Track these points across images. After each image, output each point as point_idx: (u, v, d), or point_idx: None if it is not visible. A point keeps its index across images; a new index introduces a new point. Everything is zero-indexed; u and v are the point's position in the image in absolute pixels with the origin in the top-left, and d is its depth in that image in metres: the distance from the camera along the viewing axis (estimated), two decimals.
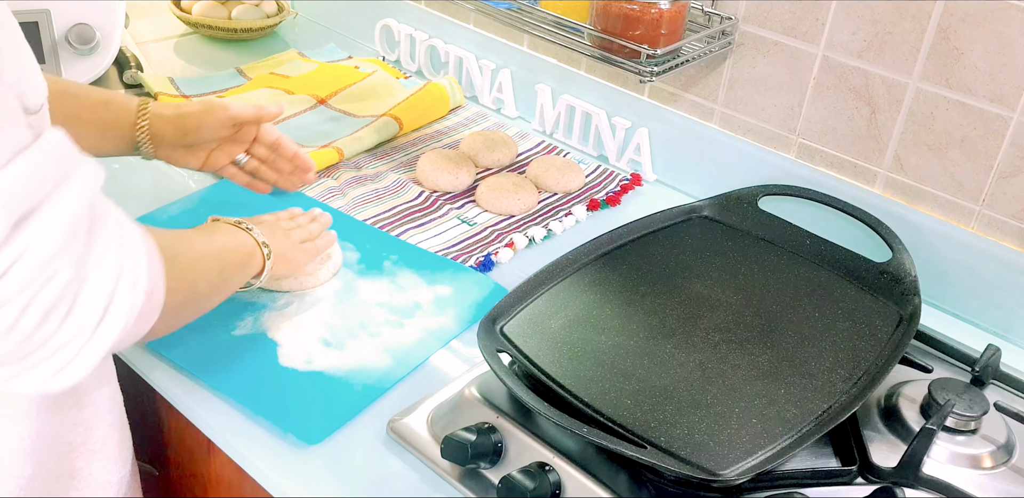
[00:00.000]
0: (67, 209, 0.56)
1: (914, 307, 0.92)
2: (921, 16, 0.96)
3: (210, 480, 1.00)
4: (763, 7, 1.08)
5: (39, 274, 0.54)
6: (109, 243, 0.59)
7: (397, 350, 0.93)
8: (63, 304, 0.56)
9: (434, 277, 1.04)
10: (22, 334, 0.55)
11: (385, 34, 1.54)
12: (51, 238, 0.55)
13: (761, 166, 1.14)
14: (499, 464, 0.80)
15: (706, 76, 1.17)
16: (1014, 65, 0.92)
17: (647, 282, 0.96)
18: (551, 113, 1.35)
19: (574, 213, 1.18)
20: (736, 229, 1.05)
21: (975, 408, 0.82)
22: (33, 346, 0.56)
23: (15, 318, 0.54)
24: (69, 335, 0.57)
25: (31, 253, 0.54)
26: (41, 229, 0.54)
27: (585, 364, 0.84)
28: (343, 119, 1.33)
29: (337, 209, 1.14)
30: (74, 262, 0.56)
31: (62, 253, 0.55)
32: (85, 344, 0.58)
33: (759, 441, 0.76)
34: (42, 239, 0.54)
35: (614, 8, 1.05)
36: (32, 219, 0.54)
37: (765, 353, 0.86)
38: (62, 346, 0.57)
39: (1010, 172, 0.97)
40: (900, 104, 1.01)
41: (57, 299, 0.56)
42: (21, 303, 0.54)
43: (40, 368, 0.57)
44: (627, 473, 0.77)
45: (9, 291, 0.53)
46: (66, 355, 0.58)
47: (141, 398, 1.01)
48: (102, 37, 1.29)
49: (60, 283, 0.55)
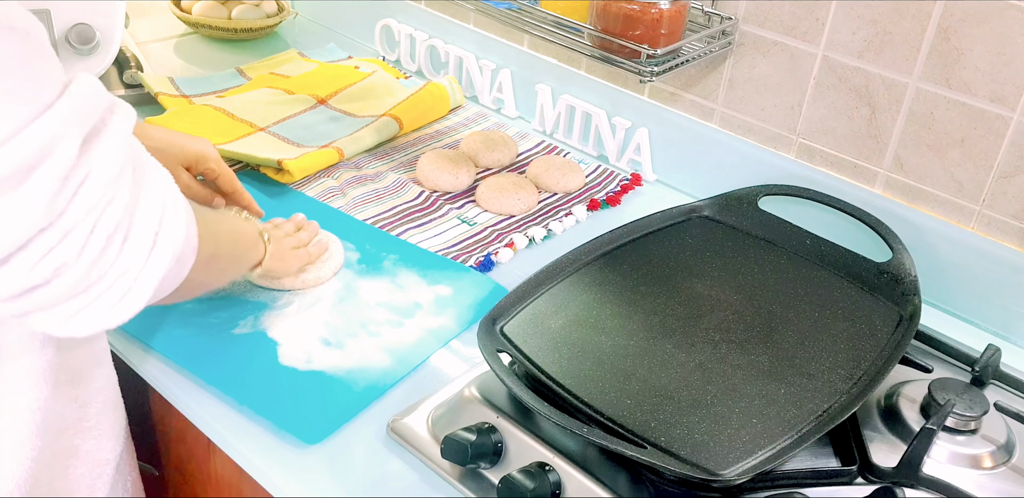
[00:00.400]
0: (119, 136, 0.57)
1: (914, 307, 0.92)
2: (921, 16, 0.96)
3: (210, 480, 1.00)
4: (763, 7, 1.08)
5: (103, 196, 0.56)
6: (154, 173, 0.61)
7: (397, 350, 0.93)
8: (122, 228, 0.57)
9: (434, 277, 1.03)
10: (89, 259, 0.56)
11: (385, 34, 1.54)
12: (112, 161, 0.56)
13: (761, 166, 1.14)
14: (499, 464, 0.80)
15: (706, 76, 1.17)
16: (1014, 65, 0.92)
17: (647, 282, 0.96)
18: (551, 113, 1.35)
19: (574, 213, 1.18)
20: (736, 229, 1.05)
21: (975, 408, 0.82)
22: (97, 274, 0.57)
23: (83, 241, 0.55)
24: (127, 262, 0.58)
25: (96, 174, 0.55)
26: (103, 152, 0.56)
27: (585, 364, 0.84)
28: (343, 119, 1.33)
29: (337, 209, 1.14)
30: (128, 187, 0.58)
31: (120, 177, 0.57)
32: (140, 272, 0.59)
33: (759, 441, 0.76)
34: (105, 161, 0.56)
35: (614, 8, 1.05)
36: (95, 142, 0.56)
37: (765, 353, 0.86)
38: (121, 274, 0.58)
39: (1010, 172, 0.97)
40: (900, 104, 1.01)
41: (117, 222, 0.57)
42: (88, 225, 0.55)
43: (101, 300, 0.58)
44: (627, 473, 0.77)
45: (78, 213, 0.54)
46: (124, 284, 0.59)
47: (141, 398, 1.01)
48: (102, 37, 1.29)
49: (119, 206, 0.57)
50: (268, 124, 1.30)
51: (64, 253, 0.55)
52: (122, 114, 0.59)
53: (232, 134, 1.25)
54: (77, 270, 0.56)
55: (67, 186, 0.54)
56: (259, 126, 1.29)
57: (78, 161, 0.54)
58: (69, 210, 0.54)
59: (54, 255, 0.54)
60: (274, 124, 1.30)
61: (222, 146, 1.21)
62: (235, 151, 1.20)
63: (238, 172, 1.20)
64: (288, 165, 1.17)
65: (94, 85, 0.57)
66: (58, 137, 0.53)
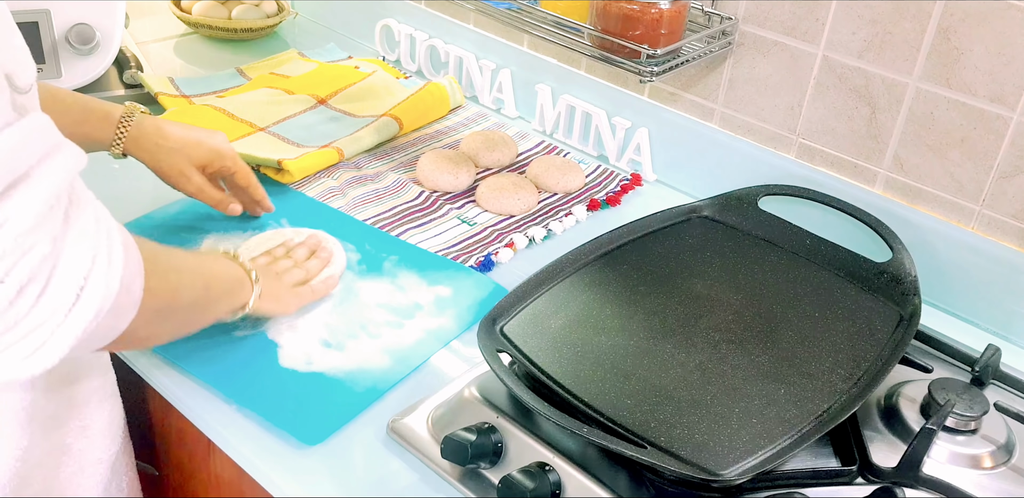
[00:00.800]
0: (48, 185, 0.55)
1: (914, 307, 0.92)
2: (921, 16, 0.96)
3: (210, 480, 1.00)
4: (763, 7, 1.08)
5: (17, 245, 0.54)
6: (86, 225, 0.59)
7: (397, 351, 0.93)
8: (39, 279, 0.55)
9: (434, 277, 1.03)
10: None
11: (385, 34, 1.54)
12: (31, 210, 0.54)
13: (761, 166, 1.14)
14: (499, 464, 0.80)
15: (706, 76, 1.17)
16: (1014, 65, 0.92)
17: (647, 282, 0.96)
18: (551, 113, 1.35)
19: (574, 213, 1.18)
20: (736, 229, 1.05)
21: (975, 408, 0.82)
22: (5, 325, 0.55)
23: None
24: (43, 315, 0.56)
25: (11, 224, 0.53)
26: (22, 201, 0.54)
27: (585, 364, 0.84)
28: (343, 119, 1.33)
29: (337, 209, 1.14)
30: (52, 237, 0.56)
31: (40, 227, 0.55)
32: (58, 326, 0.57)
33: (759, 441, 0.76)
34: (23, 211, 0.54)
35: (614, 8, 1.05)
36: (14, 191, 0.54)
37: (765, 353, 0.86)
38: (36, 327, 0.56)
39: (1010, 172, 0.97)
40: (900, 104, 1.01)
41: (33, 273, 0.55)
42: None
43: (11, 351, 0.56)
44: (627, 473, 0.77)
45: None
46: (39, 337, 0.56)
47: (141, 398, 1.01)
48: (102, 37, 1.29)
49: (37, 256, 0.55)
50: (268, 124, 1.30)
51: None
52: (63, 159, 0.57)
53: (232, 134, 1.25)
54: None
55: None
56: (259, 126, 1.29)
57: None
58: None
59: None
60: (274, 124, 1.30)
61: None
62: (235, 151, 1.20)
63: None
64: (288, 165, 1.17)
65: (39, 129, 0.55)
66: None
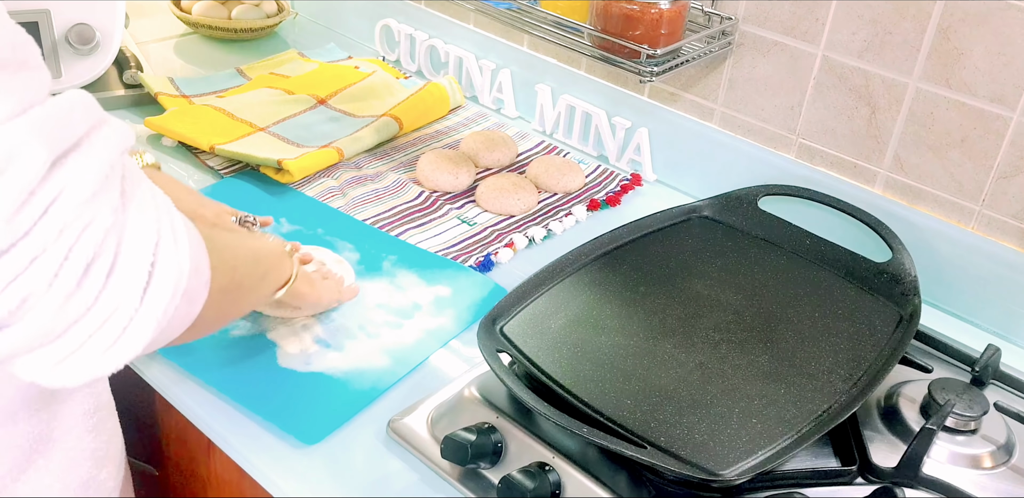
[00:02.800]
0: (101, 154, 0.51)
1: (914, 307, 0.92)
2: (921, 16, 0.96)
3: (210, 480, 1.00)
4: (763, 7, 1.08)
5: (78, 216, 0.49)
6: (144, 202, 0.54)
7: (396, 351, 0.93)
8: (105, 255, 0.50)
9: (434, 277, 1.03)
10: (63, 291, 0.49)
11: (385, 34, 1.54)
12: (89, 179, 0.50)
13: (761, 166, 1.14)
14: (499, 464, 0.80)
15: (706, 76, 1.17)
16: (1014, 65, 0.92)
17: (647, 282, 0.96)
18: (551, 113, 1.35)
19: (574, 213, 1.18)
20: (736, 229, 1.05)
21: (975, 408, 0.82)
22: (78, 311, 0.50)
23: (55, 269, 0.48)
24: (117, 298, 0.51)
25: (69, 192, 0.49)
26: (78, 169, 0.50)
27: (585, 364, 0.84)
28: (343, 119, 1.33)
29: (337, 209, 1.14)
30: (112, 208, 0.51)
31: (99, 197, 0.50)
32: (136, 311, 0.52)
33: (759, 441, 0.76)
34: (80, 179, 0.50)
35: (614, 8, 1.05)
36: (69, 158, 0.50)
37: (765, 353, 0.86)
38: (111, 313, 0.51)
39: (1010, 172, 0.97)
40: (900, 104, 1.01)
41: (98, 248, 0.50)
42: (60, 250, 0.48)
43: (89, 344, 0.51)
44: (627, 473, 0.77)
45: (48, 235, 0.48)
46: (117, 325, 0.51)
47: (141, 398, 1.01)
48: (102, 37, 1.29)
49: (100, 229, 0.50)
50: (268, 124, 1.30)
51: (31, 282, 0.47)
52: (111, 133, 0.53)
53: (232, 134, 1.25)
54: (49, 304, 0.49)
55: (32, 203, 0.47)
56: (259, 126, 1.29)
57: (48, 176, 0.48)
58: (35, 230, 0.47)
59: (19, 284, 0.47)
60: (274, 124, 1.30)
61: (222, 146, 1.21)
62: (235, 151, 1.20)
63: (238, 172, 1.20)
64: (288, 165, 1.17)
65: (81, 101, 0.52)
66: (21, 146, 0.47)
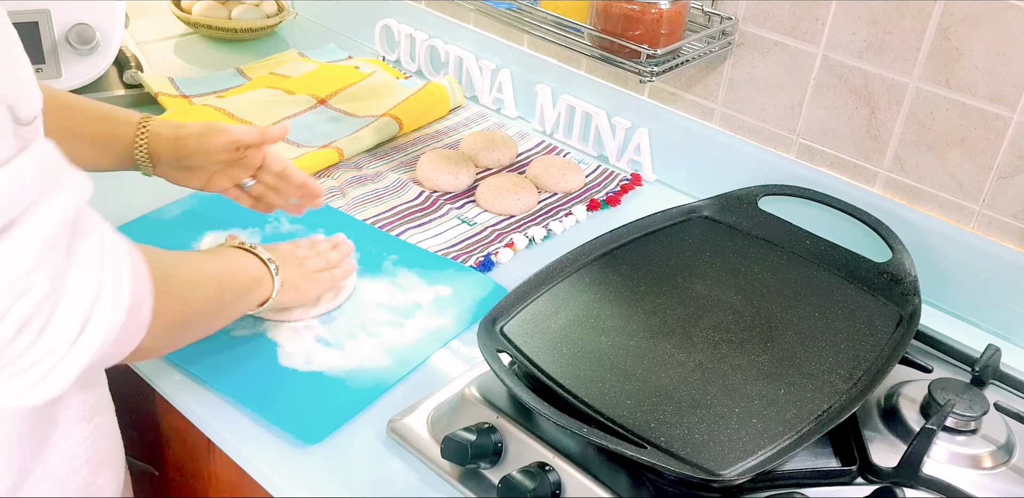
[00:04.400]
0: (48, 222, 0.55)
1: (914, 307, 0.92)
2: (921, 16, 0.96)
3: (210, 480, 1.00)
4: (763, 7, 1.08)
5: (13, 287, 0.53)
6: (91, 258, 0.59)
7: (396, 350, 0.93)
8: (38, 319, 0.55)
9: (434, 277, 1.03)
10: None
11: (385, 34, 1.54)
12: (28, 251, 0.54)
13: (761, 166, 1.14)
14: (499, 464, 0.80)
15: (706, 76, 1.17)
16: (1014, 65, 0.92)
17: (647, 282, 0.96)
18: (551, 113, 1.35)
19: (574, 213, 1.18)
20: (736, 229, 1.05)
21: (975, 408, 0.82)
22: (7, 359, 0.55)
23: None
24: (44, 350, 0.56)
25: (6, 266, 0.53)
26: (18, 242, 0.53)
27: (585, 364, 0.84)
28: (343, 119, 1.33)
29: (337, 209, 1.14)
30: (51, 276, 0.55)
31: (39, 267, 0.55)
32: (61, 360, 0.57)
33: (759, 441, 0.76)
34: (19, 252, 0.53)
35: (614, 8, 1.05)
36: (10, 231, 0.53)
37: (765, 353, 0.86)
38: (37, 361, 0.56)
39: (1010, 172, 0.97)
40: (900, 104, 1.01)
41: (31, 313, 0.55)
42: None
43: (15, 381, 0.57)
44: (627, 473, 0.77)
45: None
46: (41, 370, 0.57)
47: (141, 398, 1.01)
48: (102, 37, 1.29)
49: (35, 297, 0.55)
50: (268, 124, 1.29)
51: None
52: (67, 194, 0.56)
53: None
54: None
55: None
56: (259, 126, 1.29)
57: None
58: None
59: None
60: (274, 124, 1.30)
61: None
62: None
63: None
64: None
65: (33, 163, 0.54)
66: None
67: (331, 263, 0.97)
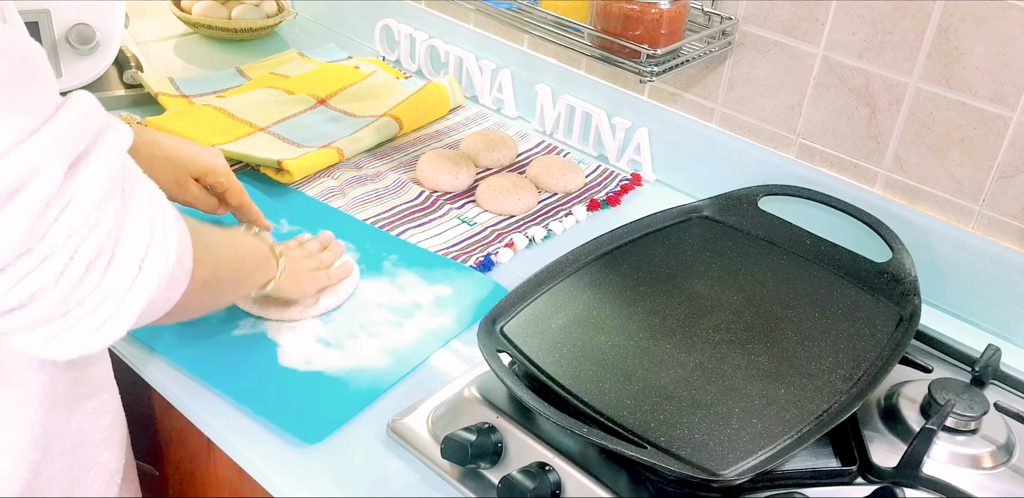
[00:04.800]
0: (108, 160, 0.56)
1: (914, 307, 0.92)
2: (921, 16, 0.96)
3: (210, 480, 1.00)
4: (763, 7, 1.08)
5: (85, 221, 0.55)
6: (142, 199, 0.60)
7: (397, 350, 0.93)
8: (105, 254, 0.56)
9: (434, 277, 1.03)
10: (68, 284, 0.55)
11: (385, 34, 1.54)
12: (97, 186, 0.55)
13: (761, 166, 1.14)
14: (499, 464, 0.80)
15: (706, 76, 1.17)
16: (1014, 65, 0.92)
17: (647, 282, 0.96)
18: (551, 113, 1.35)
19: (574, 213, 1.18)
20: (736, 229, 1.05)
21: (975, 408, 0.82)
22: (76, 300, 0.56)
23: (62, 267, 0.54)
24: (110, 288, 0.57)
25: (79, 200, 0.54)
26: (89, 177, 0.55)
27: (585, 364, 0.84)
28: (343, 119, 1.33)
29: (337, 209, 1.14)
30: (114, 212, 0.57)
31: (105, 202, 0.56)
32: (123, 298, 0.58)
33: (759, 441, 0.76)
34: (89, 187, 0.55)
35: (614, 8, 1.05)
36: (81, 166, 0.55)
37: (765, 353, 0.86)
38: (103, 300, 0.57)
39: (1010, 172, 0.97)
40: (900, 104, 1.01)
41: (100, 248, 0.56)
42: (68, 251, 0.54)
43: (80, 325, 0.57)
44: (627, 473, 0.77)
45: (58, 238, 0.53)
46: (105, 310, 0.58)
47: (141, 398, 1.01)
48: (102, 37, 1.29)
49: (103, 232, 0.56)
50: (268, 124, 1.29)
51: (42, 278, 0.54)
52: (115, 136, 0.58)
53: (232, 134, 1.25)
54: (55, 295, 0.55)
55: (48, 211, 0.53)
56: (259, 126, 1.29)
57: (62, 186, 0.53)
58: (49, 235, 0.53)
59: (31, 280, 0.53)
60: (274, 124, 1.30)
61: (222, 146, 1.20)
62: (235, 151, 1.20)
63: (238, 172, 1.20)
64: (288, 165, 1.17)
65: (87, 107, 0.56)
66: (42, 162, 0.52)
67: (323, 263, 0.98)
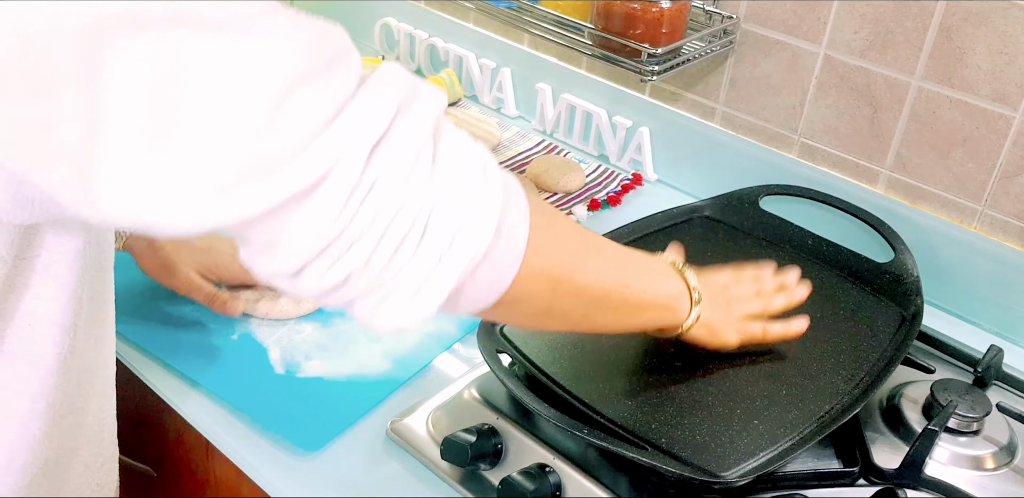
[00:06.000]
0: (412, 135, 0.53)
1: (916, 307, 0.92)
2: (923, 15, 0.96)
3: (209, 482, 1.00)
4: (764, 6, 1.08)
5: (390, 203, 0.52)
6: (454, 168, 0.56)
7: (397, 355, 0.93)
8: (416, 230, 0.54)
9: None
10: (376, 269, 0.53)
11: (385, 33, 1.54)
12: (400, 165, 0.52)
13: (762, 166, 1.14)
14: (499, 465, 0.79)
15: (707, 75, 1.17)
16: (1016, 64, 0.92)
17: None
18: (551, 112, 1.35)
19: (575, 213, 1.17)
20: (737, 229, 1.05)
21: (977, 409, 0.82)
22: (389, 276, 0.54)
23: (370, 251, 0.52)
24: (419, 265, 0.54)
25: (382, 182, 0.52)
26: (388, 159, 0.52)
27: (585, 365, 0.83)
28: None
29: None
30: (422, 189, 0.54)
31: (410, 180, 0.53)
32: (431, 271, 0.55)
33: (760, 443, 0.76)
34: (390, 169, 0.52)
35: (615, 7, 1.04)
36: (379, 149, 0.52)
37: (766, 354, 0.86)
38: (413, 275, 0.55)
39: (1013, 172, 0.96)
40: (902, 103, 1.01)
41: (411, 225, 0.53)
42: (375, 235, 0.52)
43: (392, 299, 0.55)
44: (628, 474, 0.77)
45: (364, 223, 0.51)
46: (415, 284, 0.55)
47: (140, 400, 1.00)
48: None
49: (412, 209, 0.53)
50: None
51: (352, 263, 0.52)
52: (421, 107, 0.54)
53: None
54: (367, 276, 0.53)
55: (352, 199, 0.51)
56: None
57: (363, 170, 0.51)
58: (354, 222, 0.51)
59: (341, 264, 0.52)
60: None
61: None
62: None
63: None
64: None
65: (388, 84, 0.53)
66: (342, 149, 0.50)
67: (768, 310, 0.83)
